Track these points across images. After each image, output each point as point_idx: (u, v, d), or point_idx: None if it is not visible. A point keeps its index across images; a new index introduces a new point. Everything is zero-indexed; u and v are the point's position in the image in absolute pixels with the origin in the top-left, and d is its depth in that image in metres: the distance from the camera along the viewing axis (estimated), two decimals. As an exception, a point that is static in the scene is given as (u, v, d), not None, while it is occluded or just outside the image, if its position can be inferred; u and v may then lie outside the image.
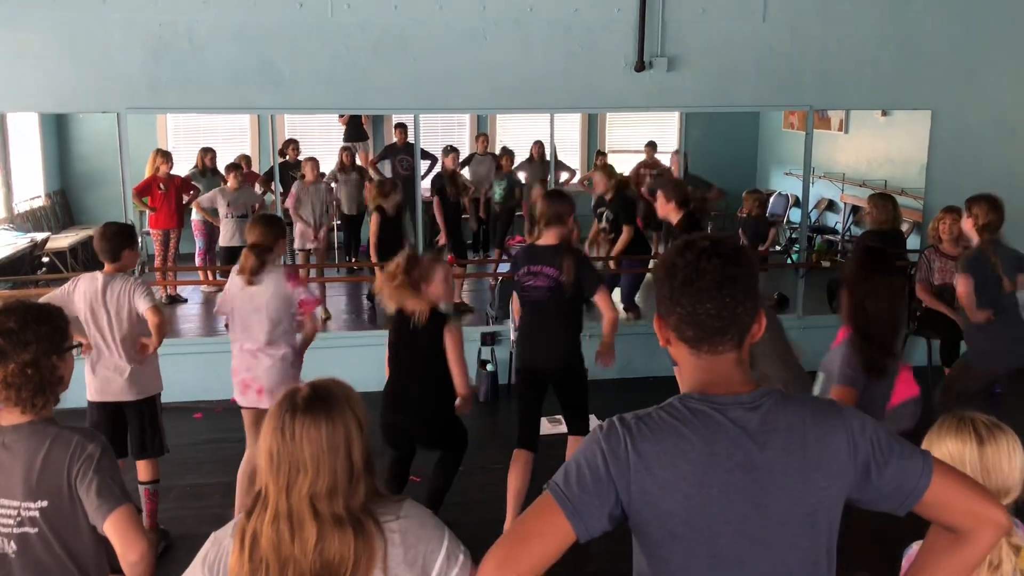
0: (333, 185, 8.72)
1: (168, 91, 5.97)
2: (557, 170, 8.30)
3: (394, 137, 9.16)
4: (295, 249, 7.70)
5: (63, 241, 8.27)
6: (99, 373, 4.09)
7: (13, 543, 2.12)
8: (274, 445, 1.69)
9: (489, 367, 6.36)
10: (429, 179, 8.66)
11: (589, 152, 10.34)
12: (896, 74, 6.66)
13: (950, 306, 5.41)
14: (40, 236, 8.10)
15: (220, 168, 8.13)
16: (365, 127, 9.65)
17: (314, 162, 7.77)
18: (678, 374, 5.56)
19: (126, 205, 6.17)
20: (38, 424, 2.14)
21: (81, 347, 2.29)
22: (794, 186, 8.10)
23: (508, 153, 8.88)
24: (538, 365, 4.32)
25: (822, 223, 9.13)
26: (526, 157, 9.05)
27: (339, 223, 8.91)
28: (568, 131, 10.00)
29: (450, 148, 8.18)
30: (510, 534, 1.53)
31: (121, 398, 4.11)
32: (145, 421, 4.19)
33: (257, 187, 8.29)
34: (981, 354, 4.60)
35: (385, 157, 9.00)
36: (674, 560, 1.56)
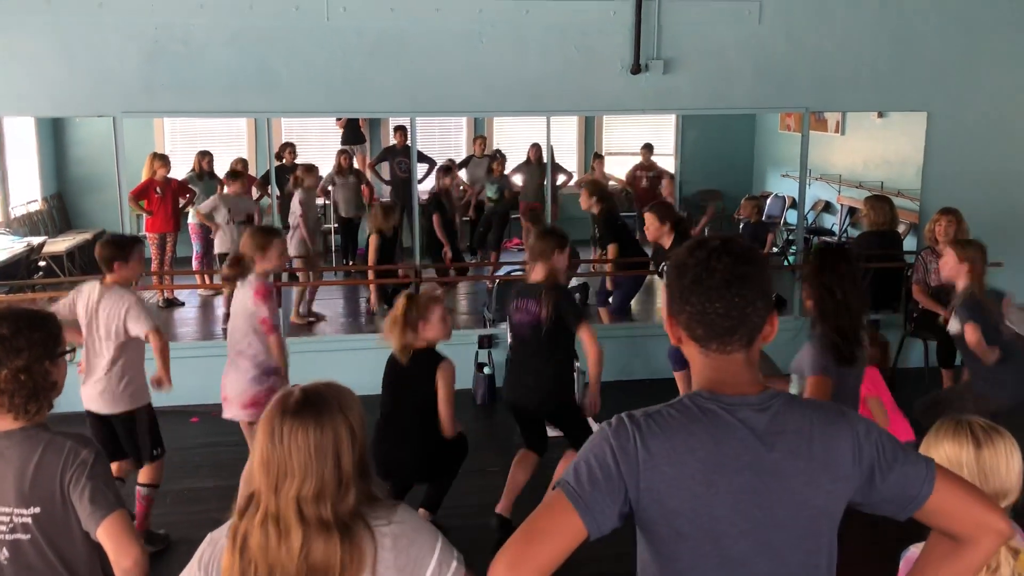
0: (330, 188, 8.73)
1: (164, 95, 5.96)
2: (554, 172, 8.31)
3: (391, 140, 9.16)
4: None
5: (60, 245, 8.26)
6: (87, 383, 4.11)
7: (5, 550, 2.11)
8: (265, 448, 1.69)
9: (486, 370, 6.36)
10: (427, 183, 8.70)
11: (586, 154, 10.34)
12: (892, 76, 6.67)
13: (946, 308, 5.40)
14: (37, 240, 8.09)
15: (217, 171, 8.12)
16: (362, 130, 9.65)
17: (314, 169, 7.78)
18: (679, 379, 5.52)
19: (122, 209, 6.17)
20: (31, 430, 2.13)
21: (74, 351, 2.28)
22: (791, 188, 8.09)
23: (499, 156, 8.88)
24: (519, 403, 4.34)
25: (819, 225, 9.13)
26: (523, 160, 9.05)
27: (336, 226, 8.92)
28: (565, 133, 10.01)
29: (446, 168, 8.17)
30: (522, 532, 1.53)
31: (103, 411, 4.12)
32: (132, 431, 4.18)
33: (254, 191, 8.29)
34: (995, 385, 4.53)
35: (384, 159, 9.00)
36: (680, 559, 1.56)
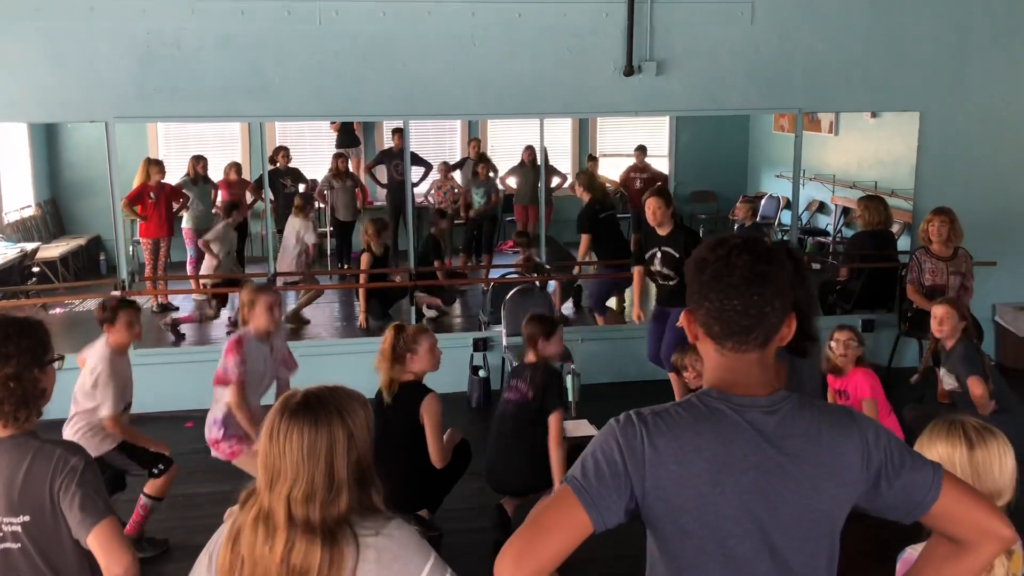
0: (326, 192, 8.73)
1: (156, 100, 5.95)
2: (548, 175, 8.30)
3: (386, 143, 9.15)
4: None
5: (54, 251, 8.23)
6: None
7: (-4, 558, 2.10)
8: (264, 446, 1.71)
9: (481, 373, 6.35)
10: (423, 186, 8.70)
11: (580, 156, 10.32)
12: (884, 76, 6.68)
13: None
14: (30, 246, 8.06)
15: (212, 176, 8.11)
16: (357, 133, 9.64)
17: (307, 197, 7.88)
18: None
19: (115, 214, 6.16)
20: (20, 438, 2.12)
21: (63, 358, 2.27)
22: (785, 188, 8.09)
23: (485, 160, 8.86)
24: (500, 483, 4.34)
25: (813, 225, 9.13)
26: (517, 162, 9.05)
27: (332, 229, 8.91)
28: (559, 136, 9.99)
29: (441, 214, 8.15)
30: (527, 527, 1.53)
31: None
32: (120, 470, 4.22)
33: (248, 195, 8.28)
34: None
35: (381, 162, 8.99)
36: (684, 556, 1.57)
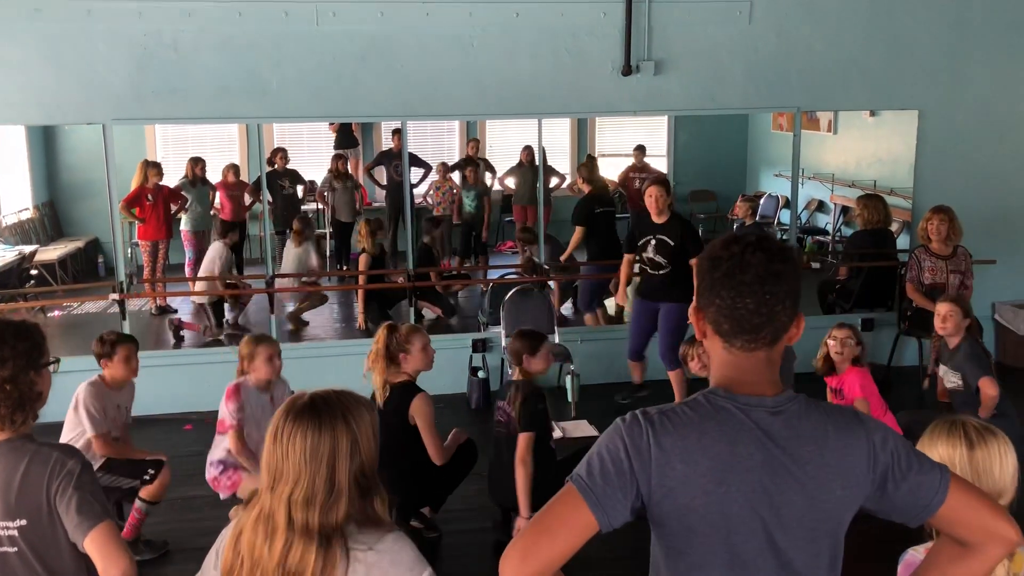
0: (327, 193, 8.73)
1: (154, 102, 5.94)
2: (547, 175, 8.30)
3: (385, 143, 9.13)
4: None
5: (52, 253, 8.23)
6: None
7: (-8, 563, 2.09)
8: (268, 447, 1.70)
9: (481, 374, 6.34)
10: (422, 187, 8.69)
11: (579, 156, 10.30)
12: (882, 74, 6.67)
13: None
14: (28, 249, 8.06)
15: (210, 178, 8.11)
16: (355, 134, 9.63)
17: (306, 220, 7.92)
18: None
19: (113, 216, 6.15)
20: (16, 441, 2.11)
21: (58, 361, 2.27)
22: (784, 187, 8.09)
23: (473, 163, 8.83)
24: (505, 502, 4.28)
25: (812, 224, 9.13)
26: (516, 162, 9.04)
27: (331, 231, 8.90)
28: (558, 136, 9.98)
29: (434, 222, 8.14)
30: (533, 525, 1.53)
31: None
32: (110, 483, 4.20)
33: (247, 197, 8.27)
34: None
35: (380, 163, 8.99)
36: (689, 554, 1.57)
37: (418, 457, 4.06)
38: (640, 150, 9.02)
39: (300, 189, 8.77)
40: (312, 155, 9.37)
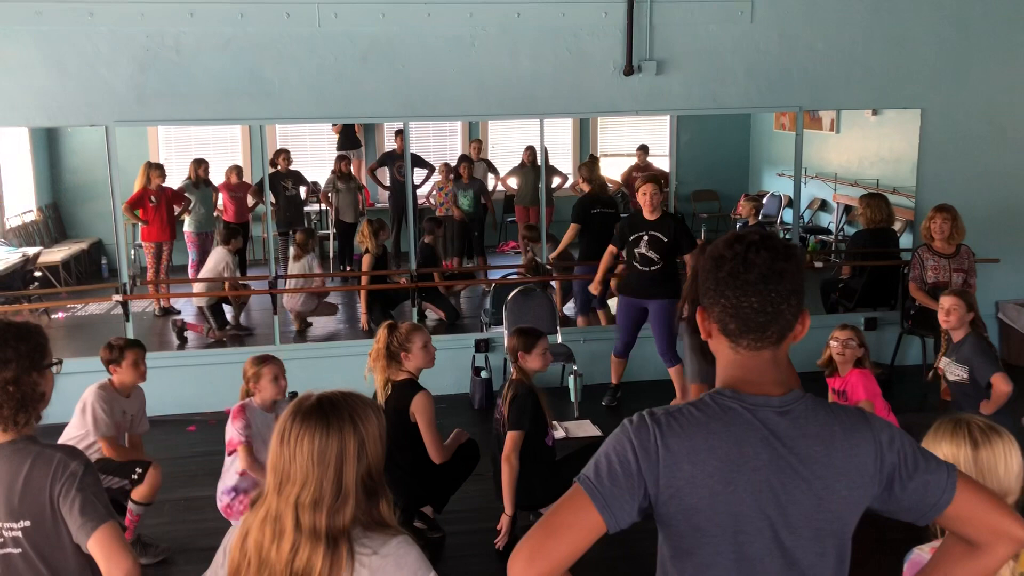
0: (331, 194, 8.74)
1: (156, 103, 5.95)
2: (549, 175, 8.29)
3: (387, 144, 9.14)
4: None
5: (55, 255, 8.24)
6: None
7: (-4, 564, 2.09)
8: (274, 448, 1.70)
9: (483, 374, 6.34)
10: (425, 187, 8.68)
11: (581, 156, 10.31)
12: (885, 73, 6.66)
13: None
14: (32, 251, 8.07)
15: (213, 179, 8.12)
16: (358, 135, 9.64)
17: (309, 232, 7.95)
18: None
19: (116, 218, 6.16)
20: (19, 443, 2.11)
21: (61, 363, 2.27)
22: (786, 187, 8.07)
23: (467, 162, 8.83)
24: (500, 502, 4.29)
25: (815, 223, 9.11)
26: (518, 163, 9.05)
27: (335, 232, 8.91)
28: (560, 136, 9.98)
29: (435, 222, 8.14)
30: (541, 526, 1.53)
31: None
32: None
33: (249, 198, 8.29)
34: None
35: (383, 164, 9.00)
36: (697, 553, 1.57)
37: (418, 455, 4.07)
38: (643, 150, 9.02)
39: (303, 190, 8.78)
40: (314, 156, 9.39)
